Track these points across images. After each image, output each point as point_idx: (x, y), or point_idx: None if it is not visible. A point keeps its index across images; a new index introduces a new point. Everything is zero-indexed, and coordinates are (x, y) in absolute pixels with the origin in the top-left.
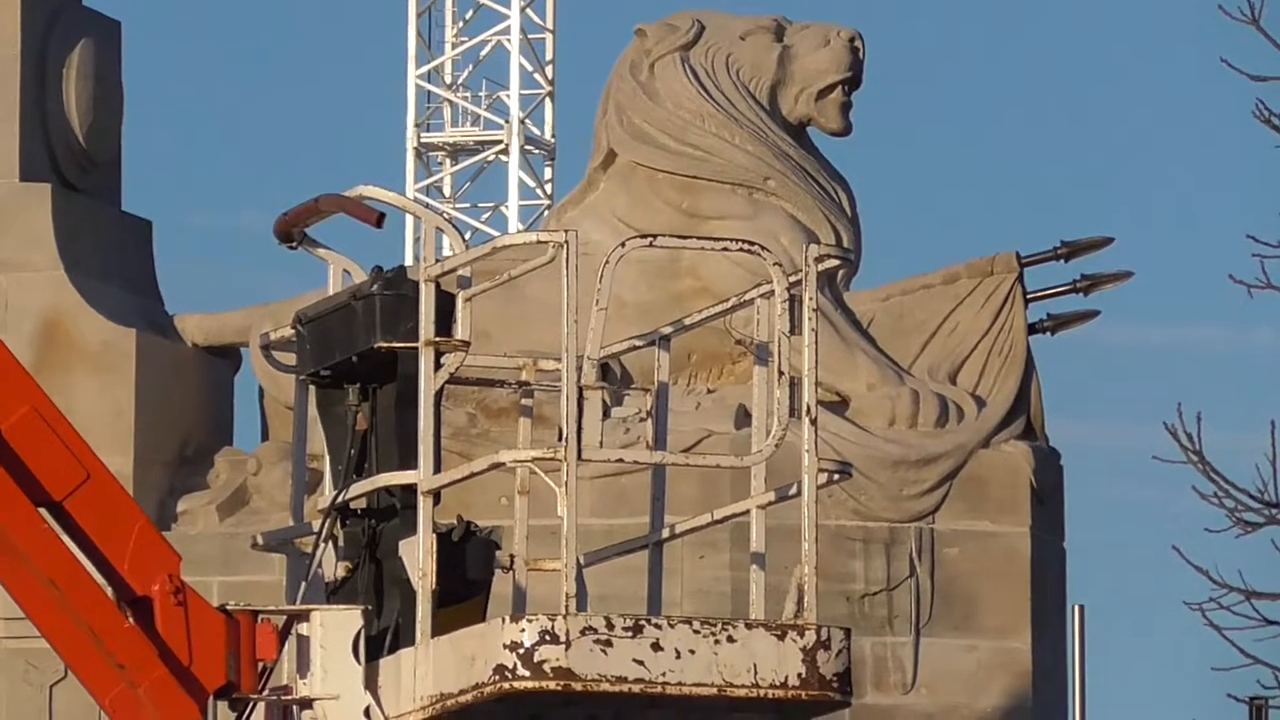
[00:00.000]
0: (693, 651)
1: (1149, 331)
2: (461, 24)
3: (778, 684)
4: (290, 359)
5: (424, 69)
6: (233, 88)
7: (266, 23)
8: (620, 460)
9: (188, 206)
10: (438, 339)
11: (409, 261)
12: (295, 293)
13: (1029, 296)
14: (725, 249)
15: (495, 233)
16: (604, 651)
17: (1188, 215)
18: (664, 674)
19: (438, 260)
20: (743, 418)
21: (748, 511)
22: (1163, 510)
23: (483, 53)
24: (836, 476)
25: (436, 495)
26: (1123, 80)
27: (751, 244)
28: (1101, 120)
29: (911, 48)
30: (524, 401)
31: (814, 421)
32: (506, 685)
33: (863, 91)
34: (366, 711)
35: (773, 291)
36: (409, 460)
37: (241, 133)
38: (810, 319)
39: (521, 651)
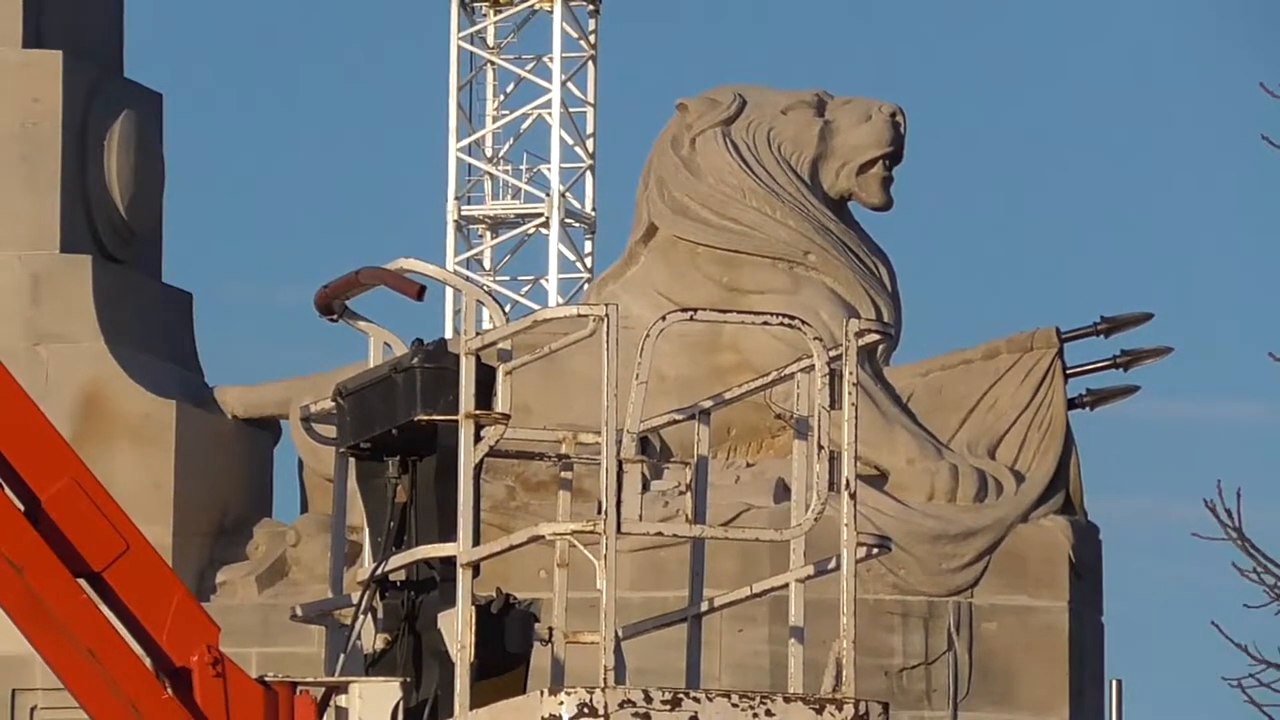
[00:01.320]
0: None
1: (1188, 407)
2: (502, 97)
3: None
4: (330, 431)
5: (465, 142)
6: (273, 160)
7: (306, 96)
8: (659, 534)
9: (227, 279)
10: (478, 412)
11: (449, 334)
12: (334, 365)
13: (1069, 372)
14: (765, 323)
15: (535, 306)
16: None
17: (1227, 291)
18: None
19: (478, 333)
20: (782, 492)
21: (786, 585)
22: (1201, 586)
23: (523, 126)
24: (875, 551)
25: (476, 568)
26: (1162, 157)
27: (792, 318)
28: (1141, 196)
29: (952, 122)
30: (563, 475)
31: (853, 496)
32: None
33: (903, 166)
34: None
35: (813, 366)
36: (448, 533)
37: (281, 205)
38: (850, 394)
39: None
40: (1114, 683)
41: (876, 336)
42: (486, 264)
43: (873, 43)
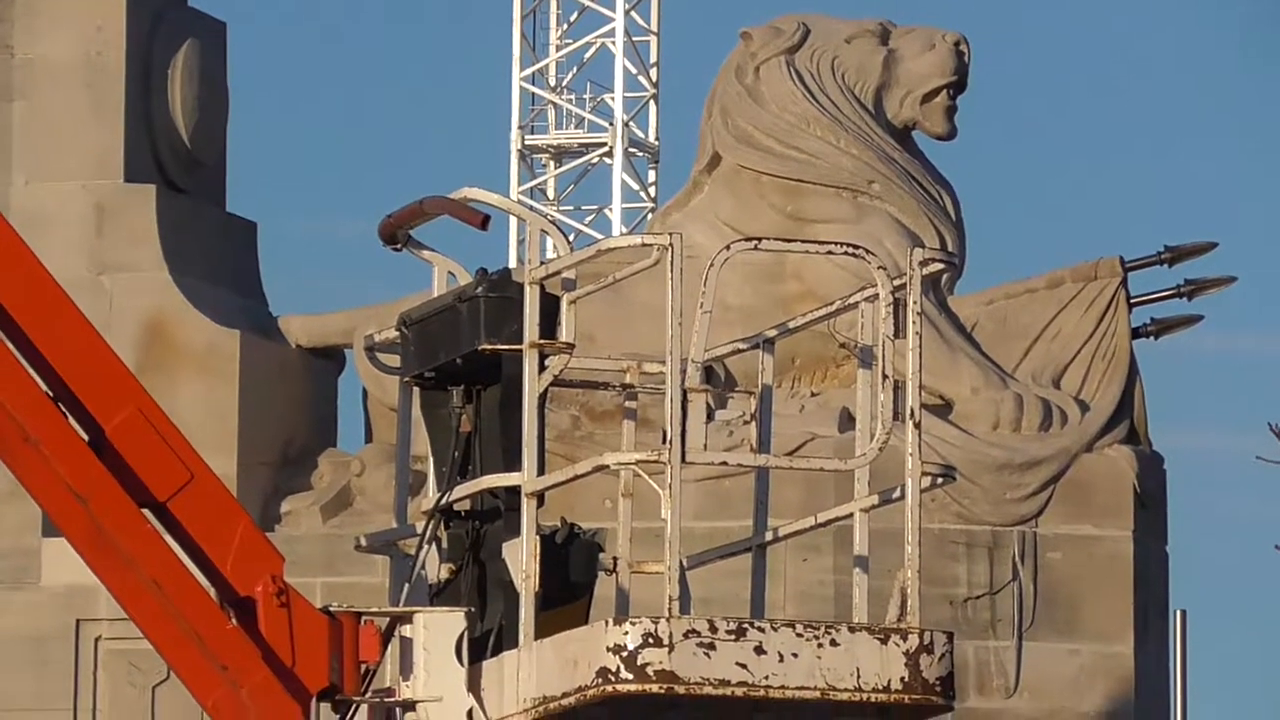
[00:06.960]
0: (796, 655)
1: (1252, 337)
2: (566, 26)
3: (881, 688)
4: (394, 361)
5: (528, 71)
6: (336, 90)
7: (369, 26)
8: (724, 463)
9: (291, 208)
10: (542, 341)
11: (513, 264)
12: (398, 295)
13: (1133, 301)
14: (830, 252)
15: (599, 235)
16: (707, 655)
17: None
18: (767, 677)
19: (542, 263)
20: (846, 421)
21: (851, 515)
22: (1264, 515)
23: (587, 55)
24: (940, 480)
25: (540, 497)
26: (1229, 83)
27: (856, 247)
28: (1206, 125)
29: (1016, 51)
30: (628, 404)
31: (917, 425)
32: (609, 688)
33: (967, 95)
34: (469, 714)
35: (877, 295)
36: (513, 462)
37: (345, 135)
38: (914, 322)
39: (624, 654)
40: (1178, 612)
41: (940, 265)
42: (550, 193)
43: None
